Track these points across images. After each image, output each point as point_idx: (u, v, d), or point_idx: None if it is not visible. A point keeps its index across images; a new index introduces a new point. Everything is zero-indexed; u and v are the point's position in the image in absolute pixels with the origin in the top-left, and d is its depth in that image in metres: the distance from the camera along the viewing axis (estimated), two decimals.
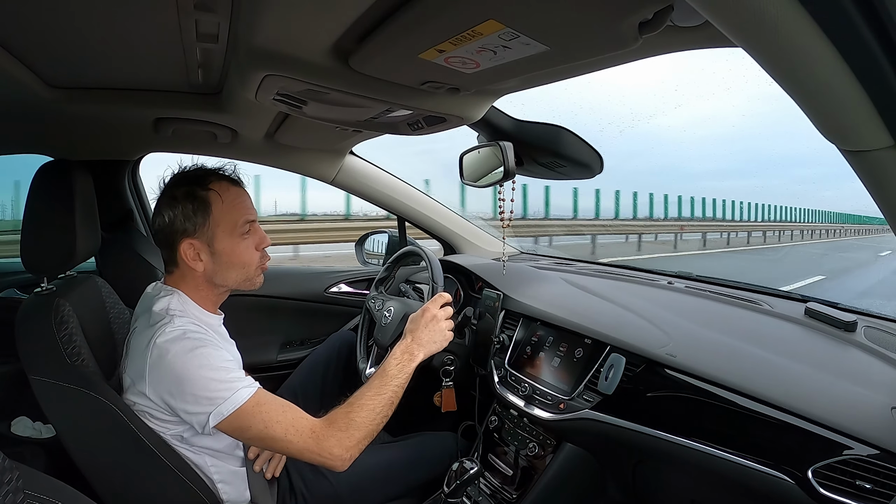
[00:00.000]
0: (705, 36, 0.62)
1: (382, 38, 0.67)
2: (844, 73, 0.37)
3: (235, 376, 0.87)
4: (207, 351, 0.86)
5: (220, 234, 0.95)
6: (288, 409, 0.89)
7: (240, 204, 0.98)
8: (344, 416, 0.91)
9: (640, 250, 12.72)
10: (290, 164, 1.64)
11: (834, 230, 28.56)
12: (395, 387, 0.98)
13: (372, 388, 0.96)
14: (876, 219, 19.52)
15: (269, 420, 0.86)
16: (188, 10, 0.71)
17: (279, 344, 1.76)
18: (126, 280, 1.07)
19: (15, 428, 1.48)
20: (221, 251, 0.96)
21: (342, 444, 0.88)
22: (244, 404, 0.85)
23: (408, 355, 1.04)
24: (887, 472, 0.69)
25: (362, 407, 0.93)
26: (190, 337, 0.87)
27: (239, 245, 0.97)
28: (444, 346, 1.11)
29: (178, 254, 0.94)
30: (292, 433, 0.86)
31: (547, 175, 1.20)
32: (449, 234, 1.91)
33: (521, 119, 1.13)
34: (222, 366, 0.86)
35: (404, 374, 1.01)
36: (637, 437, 0.96)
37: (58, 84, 1.03)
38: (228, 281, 0.99)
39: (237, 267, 0.98)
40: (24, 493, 0.48)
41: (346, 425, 0.90)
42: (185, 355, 0.85)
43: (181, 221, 0.93)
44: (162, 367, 0.85)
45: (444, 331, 1.11)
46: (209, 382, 0.84)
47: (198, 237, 0.94)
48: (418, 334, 1.08)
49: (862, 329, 1.01)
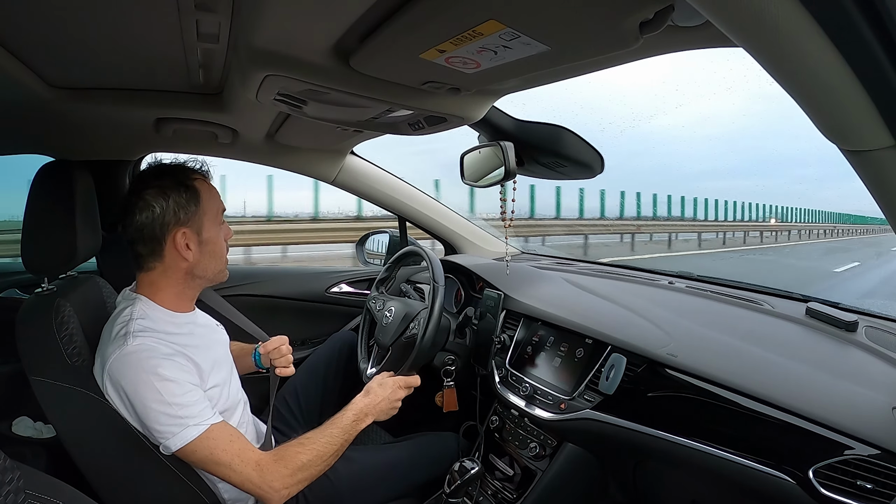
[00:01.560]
0: (706, 36, 0.62)
1: (383, 38, 0.67)
2: (845, 73, 0.37)
3: (187, 413, 0.86)
4: (161, 384, 0.85)
5: (207, 222, 0.98)
6: (236, 439, 0.90)
7: (216, 195, 1.02)
8: (293, 454, 0.93)
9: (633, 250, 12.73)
10: (290, 164, 1.64)
11: (834, 230, 28.51)
12: (345, 440, 1.00)
13: (325, 435, 0.98)
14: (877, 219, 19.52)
15: (215, 448, 0.87)
16: (189, 10, 0.71)
17: None
18: (127, 280, 1.07)
19: (16, 428, 1.48)
20: (208, 240, 0.98)
21: (283, 480, 0.90)
22: (192, 441, 0.86)
23: (362, 415, 1.05)
24: (888, 472, 0.69)
25: (313, 451, 0.94)
26: (143, 359, 0.86)
27: (219, 235, 1.01)
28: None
29: (167, 245, 0.94)
30: (237, 463, 0.88)
31: (548, 175, 1.20)
32: (450, 234, 1.91)
33: (522, 119, 1.12)
34: (174, 401, 0.86)
35: (355, 432, 1.03)
36: (638, 437, 0.96)
37: (58, 84, 1.03)
38: (209, 272, 1.01)
39: (217, 257, 1.01)
40: (25, 492, 0.48)
41: (293, 464, 0.92)
42: (138, 386, 0.85)
43: (174, 211, 0.94)
44: (120, 393, 0.86)
45: (395, 409, 1.12)
46: (159, 416, 0.85)
47: (190, 226, 0.96)
48: (380, 405, 1.08)
49: (863, 329, 1.00)
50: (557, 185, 12.24)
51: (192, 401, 0.88)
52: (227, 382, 1.03)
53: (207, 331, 1.08)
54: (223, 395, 0.99)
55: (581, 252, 11.42)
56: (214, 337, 1.09)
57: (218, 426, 0.89)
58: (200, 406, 0.89)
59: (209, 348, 1.02)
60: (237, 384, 1.09)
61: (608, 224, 14.32)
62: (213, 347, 1.04)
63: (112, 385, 0.87)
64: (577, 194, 13.76)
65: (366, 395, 1.09)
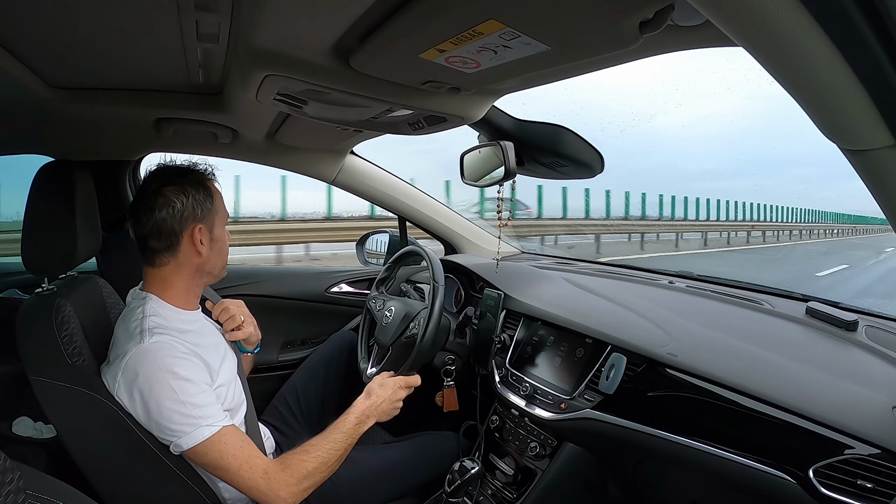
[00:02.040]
0: (706, 35, 0.62)
1: (383, 37, 0.67)
2: (845, 73, 0.37)
3: (200, 413, 0.87)
4: (176, 382, 0.86)
5: (218, 221, 1.03)
6: (246, 445, 0.91)
7: (222, 197, 1.06)
8: (299, 462, 0.94)
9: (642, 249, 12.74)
10: (290, 164, 1.64)
11: (833, 230, 28.51)
12: (348, 445, 1.01)
13: (329, 441, 0.99)
14: (877, 219, 19.51)
15: (225, 453, 0.88)
16: (189, 10, 0.71)
17: (280, 344, 1.75)
18: (127, 280, 1.07)
19: (16, 428, 1.48)
20: (218, 237, 1.03)
21: (289, 489, 0.91)
22: (204, 440, 0.87)
23: (364, 417, 1.06)
24: (889, 471, 0.69)
25: (317, 458, 0.95)
26: (160, 357, 0.87)
27: (225, 234, 1.06)
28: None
29: (184, 241, 0.97)
30: (245, 469, 0.89)
31: (548, 175, 1.20)
32: (450, 233, 1.91)
33: (522, 118, 1.12)
34: (189, 401, 0.87)
35: (357, 434, 1.04)
36: (638, 437, 0.96)
37: (58, 84, 1.03)
38: (215, 268, 1.04)
39: (223, 254, 1.05)
40: (26, 493, 0.48)
41: (299, 472, 0.92)
42: (154, 384, 0.86)
43: (192, 207, 0.97)
44: (133, 391, 0.87)
45: (397, 409, 1.13)
46: (173, 414, 0.86)
47: (205, 223, 0.99)
48: (381, 407, 1.09)
49: (863, 328, 1.00)
50: (564, 185, 12.21)
51: (206, 401, 0.89)
52: (232, 381, 1.03)
53: (213, 329, 1.09)
54: (229, 393, 1.00)
55: (593, 251, 11.44)
56: (219, 336, 1.09)
57: (229, 429, 0.90)
58: (213, 407, 0.90)
59: (216, 347, 1.03)
60: (241, 384, 1.09)
61: (613, 224, 14.33)
62: (219, 346, 1.05)
63: (126, 382, 0.87)
64: (582, 194, 13.74)
65: (367, 398, 1.10)
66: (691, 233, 15.53)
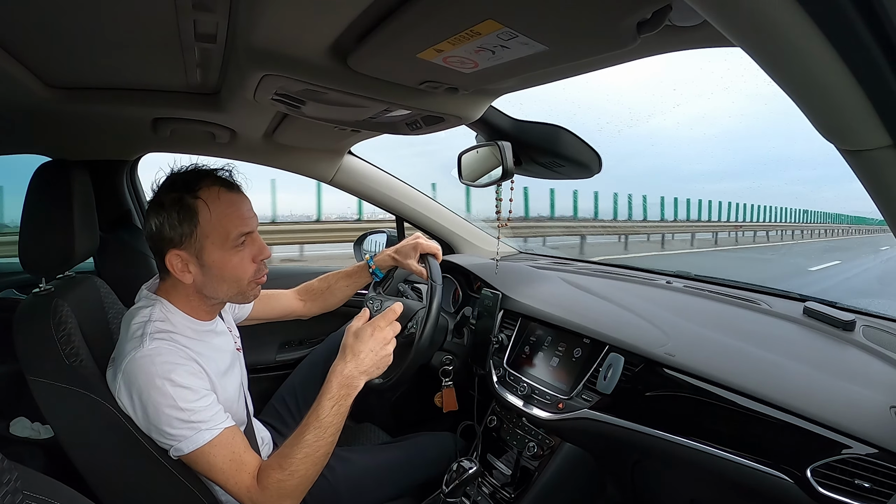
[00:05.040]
0: (704, 36, 0.62)
1: (381, 37, 0.67)
2: (843, 73, 0.37)
3: (199, 418, 0.85)
4: (174, 389, 0.84)
5: (210, 246, 0.89)
6: (238, 454, 0.88)
7: (232, 213, 0.91)
8: (276, 483, 0.86)
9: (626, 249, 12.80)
10: (288, 164, 1.64)
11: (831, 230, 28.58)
12: (330, 437, 0.89)
13: (303, 449, 0.87)
14: (875, 219, 19.54)
15: (222, 457, 0.86)
16: (186, 9, 0.71)
17: (278, 344, 1.75)
18: (125, 280, 1.06)
19: (13, 428, 1.48)
20: (211, 264, 0.90)
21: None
22: (203, 445, 0.85)
23: (345, 390, 0.91)
24: (886, 470, 0.69)
25: (293, 474, 0.86)
26: (158, 364, 0.84)
27: (232, 258, 0.91)
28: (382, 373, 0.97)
29: (167, 264, 0.90)
30: (231, 484, 0.87)
31: (546, 175, 1.20)
32: (447, 233, 1.91)
33: (520, 119, 1.13)
34: (187, 407, 0.84)
35: (341, 416, 0.90)
36: (636, 437, 0.96)
37: (56, 84, 1.02)
38: (220, 294, 0.94)
39: (229, 280, 0.93)
40: (23, 493, 0.48)
41: (279, 493, 0.86)
42: (151, 390, 0.83)
43: (167, 230, 0.88)
44: (133, 395, 0.85)
45: (389, 354, 0.96)
46: (172, 420, 0.84)
47: (185, 248, 0.89)
48: (363, 358, 0.93)
49: (860, 328, 1.01)
50: (551, 185, 12.27)
51: (206, 405, 0.87)
52: (234, 400, 1.01)
53: (224, 341, 1.03)
54: (230, 411, 0.96)
55: (576, 252, 11.50)
56: (230, 347, 1.05)
57: (230, 430, 0.88)
58: (213, 410, 0.88)
59: (222, 359, 0.99)
60: (244, 399, 1.07)
61: (602, 225, 14.38)
62: (226, 357, 1.02)
63: (125, 386, 0.86)
64: (570, 196, 13.81)
65: (343, 360, 0.93)
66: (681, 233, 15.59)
